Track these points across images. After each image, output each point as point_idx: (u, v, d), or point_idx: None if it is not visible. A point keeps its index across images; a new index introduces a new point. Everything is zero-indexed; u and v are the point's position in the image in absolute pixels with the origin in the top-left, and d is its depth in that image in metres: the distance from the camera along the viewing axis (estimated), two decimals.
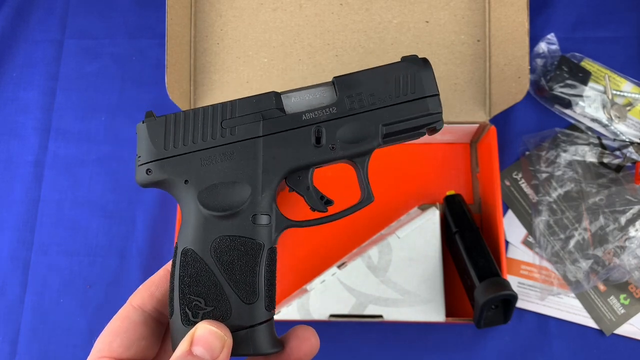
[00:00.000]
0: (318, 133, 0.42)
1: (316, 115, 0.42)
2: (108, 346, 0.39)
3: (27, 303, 0.85)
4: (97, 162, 0.90)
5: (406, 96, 0.43)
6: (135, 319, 0.40)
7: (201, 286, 0.40)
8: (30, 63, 0.96)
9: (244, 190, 0.41)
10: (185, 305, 0.39)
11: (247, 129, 0.42)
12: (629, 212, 0.79)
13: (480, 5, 0.80)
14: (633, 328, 0.78)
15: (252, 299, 0.40)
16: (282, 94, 0.43)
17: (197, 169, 0.41)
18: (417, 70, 0.43)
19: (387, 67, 0.43)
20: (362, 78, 0.43)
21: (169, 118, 0.42)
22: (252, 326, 0.39)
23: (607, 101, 0.87)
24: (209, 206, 0.40)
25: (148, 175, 0.42)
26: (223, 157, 0.41)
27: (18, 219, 0.89)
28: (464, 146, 0.87)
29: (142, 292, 0.42)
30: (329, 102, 0.43)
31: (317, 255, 0.83)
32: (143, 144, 0.42)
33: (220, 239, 0.40)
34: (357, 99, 0.42)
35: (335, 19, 0.81)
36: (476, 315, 0.71)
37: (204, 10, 0.83)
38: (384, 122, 0.42)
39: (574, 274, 0.79)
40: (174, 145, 0.42)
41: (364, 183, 0.44)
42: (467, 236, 0.76)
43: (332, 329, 0.80)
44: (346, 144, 0.42)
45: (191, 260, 0.40)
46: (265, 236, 0.41)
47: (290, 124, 0.42)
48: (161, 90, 0.79)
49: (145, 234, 0.86)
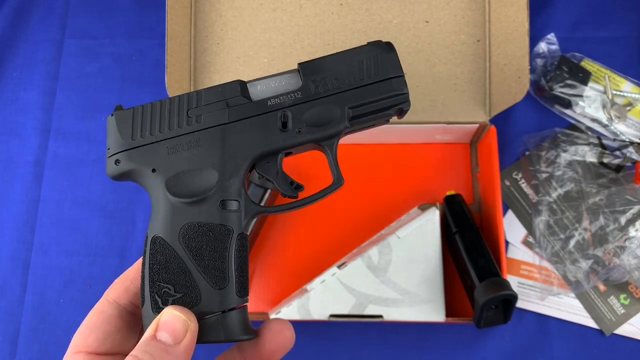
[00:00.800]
0: (284, 118, 0.42)
1: (281, 101, 0.43)
2: (84, 341, 0.39)
3: (27, 303, 0.85)
4: (97, 162, 0.90)
5: (370, 78, 0.43)
6: (110, 312, 0.41)
7: (170, 273, 0.40)
8: (30, 63, 0.96)
9: (211, 176, 0.41)
10: (155, 292, 0.40)
11: (213, 117, 0.42)
12: (629, 212, 0.79)
13: (480, 5, 0.80)
14: (633, 328, 0.78)
15: (222, 285, 0.40)
16: (248, 82, 0.43)
17: (164, 157, 0.42)
18: (381, 53, 0.44)
19: (351, 51, 0.44)
20: (326, 62, 0.43)
21: (136, 109, 0.43)
22: (223, 312, 0.39)
23: (607, 101, 0.87)
24: (176, 193, 0.41)
25: (117, 165, 0.42)
26: (189, 144, 0.42)
27: (18, 219, 0.89)
28: (464, 146, 0.87)
29: (117, 286, 0.42)
30: (295, 88, 0.43)
31: (317, 255, 0.83)
32: (112, 136, 0.43)
33: (189, 226, 0.41)
34: (321, 83, 0.43)
35: (335, 19, 0.81)
36: (476, 315, 0.71)
37: (204, 10, 0.83)
38: (350, 105, 0.43)
39: (574, 274, 0.79)
40: (141, 135, 0.42)
41: (333, 167, 0.44)
42: (467, 236, 0.76)
43: (332, 329, 0.80)
44: (313, 128, 0.42)
45: (160, 247, 0.41)
46: (234, 222, 0.41)
47: (255, 110, 0.42)
48: (161, 90, 0.79)
49: (145, 234, 0.86)
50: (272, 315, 0.75)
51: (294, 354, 0.85)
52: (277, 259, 0.84)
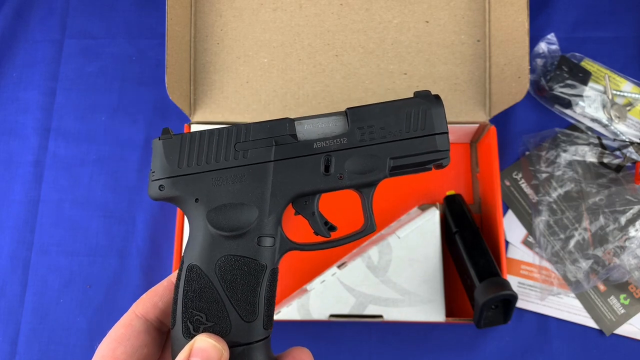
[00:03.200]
0: (327, 162, 0.43)
1: (327, 145, 0.43)
2: (112, 352, 0.40)
3: (27, 303, 0.85)
4: (97, 162, 0.90)
5: (416, 132, 0.44)
6: (138, 327, 0.42)
7: (204, 302, 0.41)
8: (30, 63, 0.96)
9: (251, 212, 0.42)
10: (187, 318, 0.41)
11: (260, 153, 0.43)
12: (629, 212, 0.79)
13: (480, 5, 0.80)
14: (633, 328, 0.78)
15: (252, 318, 0.41)
16: (296, 120, 0.44)
17: (208, 188, 0.42)
18: (429, 108, 0.44)
19: (400, 102, 0.44)
20: (374, 111, 0.44)
21: (184, 137, 0.43)
22: (249, 343, 0.40)
23: (607, 101, 0.87)
24: (217, 226, 0.42)
25: (161, 191, 0.43)
26: (234, 178, 0.42)
27: (18, 219, 0.89)
28: (464, 146, 0.87)
29: (146, 302, 0.43)
30: (340, 132, 0.44)
31: (317, 255, 0.83)
32: (158, 160, 0.43)
33: (226, 258, 0.41)
34: (367, 131, 0.43)
35: (335, 19, 0.81)
36: (476, 315, 0.71)
37: (204, 10, 0.83)
38: (392, 156, 0.43)
39: (574, 274, 0.79)
40: (188, 164, 0.43)
41: (368, 212, 0.45)
42: (467, 236, 0.76)
43: (332, 329, 0.80)
44: (354, 175, 0.43)
45: (196, 276, 0.41)
46: (268, 258, 0.42)
47: (301, 151, 0.43)
48: (161, 90, 0.79)
49: (145, 234, 0.86)
50: None
51: None
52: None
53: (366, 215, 0.45)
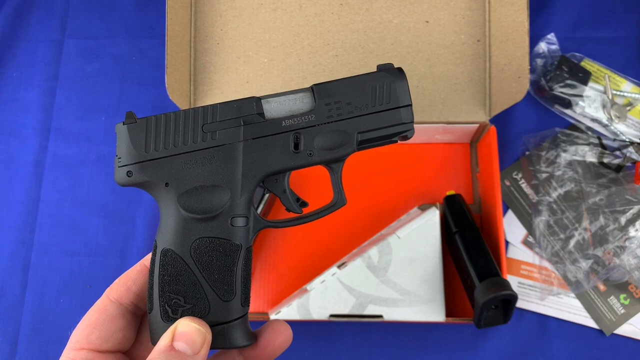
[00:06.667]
0: (296, 139, 0.43)
1: (295, 122, 0.43)
2: (86, 338, 0.41)
3: (27, 303, 0.85)
4: (97, 162, 0.90)
5: (382, 106, 0.44)
6: (112, 311, 0.42)
7: (181, 285, 0.41)
8: (30, 63, 0.96)
9: (223, 193, 0.42)
10: (165, 302, 0.41)
11: (228, 134, 0.43)
12: (629, 212, 0.79)
13: (480, 5, 0.80)
14: (633, 328, 0.78)
15: (230, 297, 0.41)
16: (262, 98, 0.44)
17: (178, 172, 0.42)
18: (393, 81, 0.44)
19: (365, 77, 0.45)
20: (340, 86, 0.44)
21: (149, 120, 0.43)
22: (228, 322, 0.41)
23: (607, 101, 0.87)
24: (189, 209, 0.42)
25: (129, 177, 0.43)
26: (204, 160, 0.42)
27: (18, 219, 0.89)
28: (464, 146, 0.87)
29: (119, 286, 0.43)
30: (308, 109, 0.44)
31: (317, 255, 0.83)
32: (123, 145, 0.43)
33: (200, 241, 0.42)
34: (335, 107, 0.44)
35: (335, 19, 0.81)
36: (476, 315, 0.71)
37: (204, 10, 0.83)
38: (359, 130, 0.44)
39: (574, 274, 0.79)
40: (155, 148, 0.42)
41: (337, 186, 0.45)
42: (467, 236, 0.76)
43: (332, 329, 0.80)
44: (323, 151, 0.44)
45: (171, 260, 0.41)
46: (242, 237, 0.42)
47: (270, 130, 0.43)
48: (161, 90, 0.79)
49: (145, 234, 0.86)
50: (272, 316, 0.75)
51: (294, 354, 0.85)
52: (277, 259, 0.84)
53: (336, 190, 0.45)
